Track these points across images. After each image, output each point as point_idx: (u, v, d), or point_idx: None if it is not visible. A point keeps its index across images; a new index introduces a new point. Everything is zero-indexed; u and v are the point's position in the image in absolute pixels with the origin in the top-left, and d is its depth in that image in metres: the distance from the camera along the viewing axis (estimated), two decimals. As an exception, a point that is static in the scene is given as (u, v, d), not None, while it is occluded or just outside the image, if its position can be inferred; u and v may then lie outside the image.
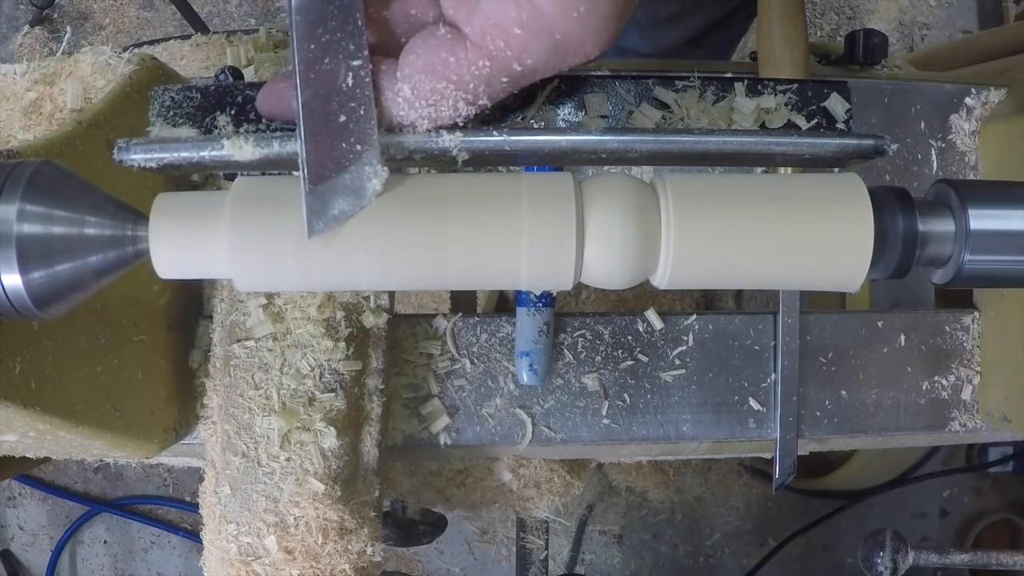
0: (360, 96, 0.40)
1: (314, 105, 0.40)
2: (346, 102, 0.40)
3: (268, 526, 0.62)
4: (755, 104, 0.46)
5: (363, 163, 0.41)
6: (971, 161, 0.82)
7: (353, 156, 0.40)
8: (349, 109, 0.40)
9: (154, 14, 2.04)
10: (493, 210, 0.41)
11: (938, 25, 2.12)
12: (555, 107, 0.47)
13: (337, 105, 0.40)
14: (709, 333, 0.78)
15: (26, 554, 1.93)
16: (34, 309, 0.40)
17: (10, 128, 0.65)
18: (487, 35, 0.39)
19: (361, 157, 0.41)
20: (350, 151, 0.40)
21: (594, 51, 0.40)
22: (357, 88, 0.40)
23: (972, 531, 1.84)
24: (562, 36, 0.38)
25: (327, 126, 0.40)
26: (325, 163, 0.40)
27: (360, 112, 0.40)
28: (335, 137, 0.40)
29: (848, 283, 0.43)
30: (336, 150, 0.40)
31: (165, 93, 0.46)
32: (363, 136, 0.41)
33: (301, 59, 0.39)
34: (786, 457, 0.77)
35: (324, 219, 0.40)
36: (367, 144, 0.41)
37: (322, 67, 0.40)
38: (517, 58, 0.39)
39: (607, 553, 1.94)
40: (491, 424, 0.76)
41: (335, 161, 0.40)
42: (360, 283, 0.44)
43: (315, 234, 0.40)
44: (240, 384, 0.64)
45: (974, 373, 0.79)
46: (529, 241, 0.41)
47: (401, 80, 0.41)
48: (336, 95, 0.40)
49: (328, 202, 0.40)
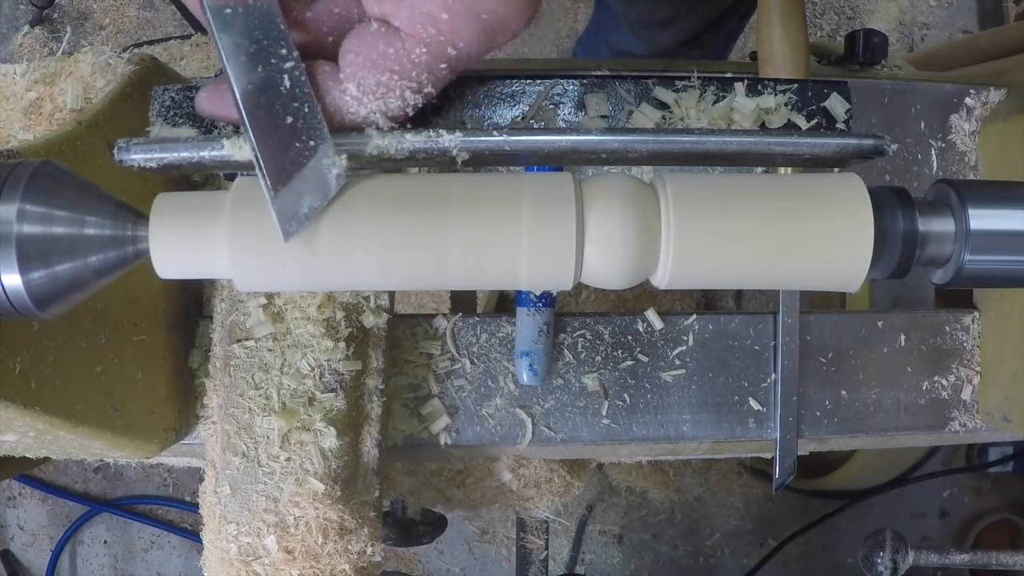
0: (301, 95, 0.41)
1: (258, 113, 0.41)
2: (289, 103, 0.41)
3: (268, 526, 0.62)
4: (755, 104, 0.46)
5: (320, 156, 0.41)
6: (971, 161, 0.82)
7: (308, 152, 0.41)
8: (293, 109, 0.41)
9: (154, 14, 2.04)
10: (493, 210, 0.41)
11: (938, 25, 2.12)
12: (555, 107, 0.47)
13: (281, 108, 0.41)
14: (709, 333, 0.78)
15: (26, 554, 1.92)
16: (34, 309, 0.40)
17: (10, 128, 0.65)
18: (417, 23, 0.40)
19: (317, 152, 0.41)
20: (304, 149, 0.41)
21: (519, 27, 0.41)
22: (296, 88, 0.41)
23: (972, 531, 1.84)
24: (488, 15, 0.40)
25: (276, 130, 0.41)
26: (283, 166, 0.41)
27: (305, 110, 0.41)
28: (286, 139, 0.41)
29: (848, 283, 0.43)
30: (291, 151, 0.41)
31: (165, 93, 0.46)
32: (313, 132, 0.41)
33: (234, 72, 0.40)
34: (786, 457, 0.77)
35: (296, 219, 0.41)
36: (319, 138, 0.41)
37: (256, 76, 0.40)
38: (450, 42, 0.40)
39: (607, 553, 1.94)
40: (491, 424, 0.76)
41: (292, 162, 0.41)
42: (360, 283, 0.44)
43: (290, 236, 0.41)
44: (240, 384, 0.64)
45: (974, 373, 0.79)
46: (529, 241, 0.41)
47: (345, 79, 0.42)
48: (277, 99, 0.41)
49: (295, 202, 0.41)
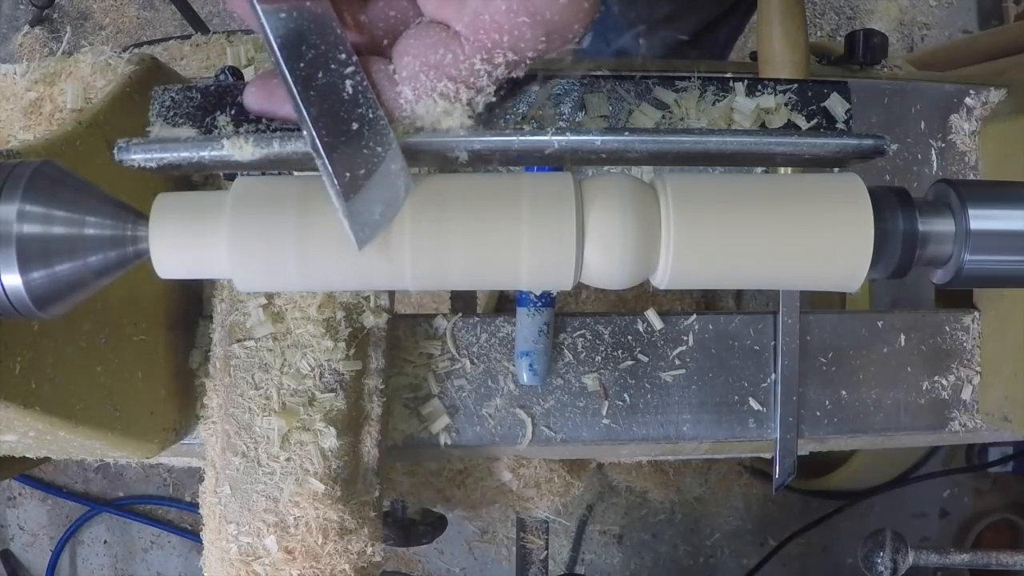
0: (365, 100, 0.40)
1: (324, 121, 0.39)
2: (353, 109, 0.40)
3: (268, 526, 0.62)
4: (755, 104, 0.46)
5: (388, 162, 0.40)
6: (971, 161, 0.82)
7: (377, 159, 0.40)
8: (358, 116, 0.40)
9: (154, 14, 2.04)
10: (493, 210, 0.41)
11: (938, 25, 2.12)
12: (555, 107, 0.47)
13: (346, 115, 0.40)
14: (709, 333, 0.78)
15: (26, 554, 1.92)
16: (34, 309, 0.39)
17: (10, 128, 0.65)
18: (480, 29, 0.39)
19: (385, 157, 0.40)
20: (372, 155, 0.40)
21: (580, 29, 0.40)
22: (359, 95, 0.40)
23: (972, 531, 1.84)
24: (551, 19, 0.39)
25: (342, 137, 0.40)
26: (353, 172, 0.40)
27: (370, 115, 0.40)
28: (354, 146, 0.40)
29: (848, 283, 0.43)
30: (359, 157, 0.40)
31: (165, 93, 0.46)
32: (380, 137, 0.40)
33: (296, 80, 0.39)
34: (786, 457, 0.77)
35: (369, 226, 0.40)
36: (386, 143, 0.41)
37: (318, 82, 0.39)
38: (512, 47, 0.40)
39: (607, 553, 1.93)
40: (491, 424, 0.76)
41: (362, 168, 0.40)
42: (359, 283, 0.44)
43: (364, 244, 0.40)
44: (240, 384, 0.64)
45: (974, 373, 0.79)
46: (529, 241, 0.41)
47: (401, 83, 0.41)
48: (341, 105, 0.40)
49: (368, 210, 0.40)
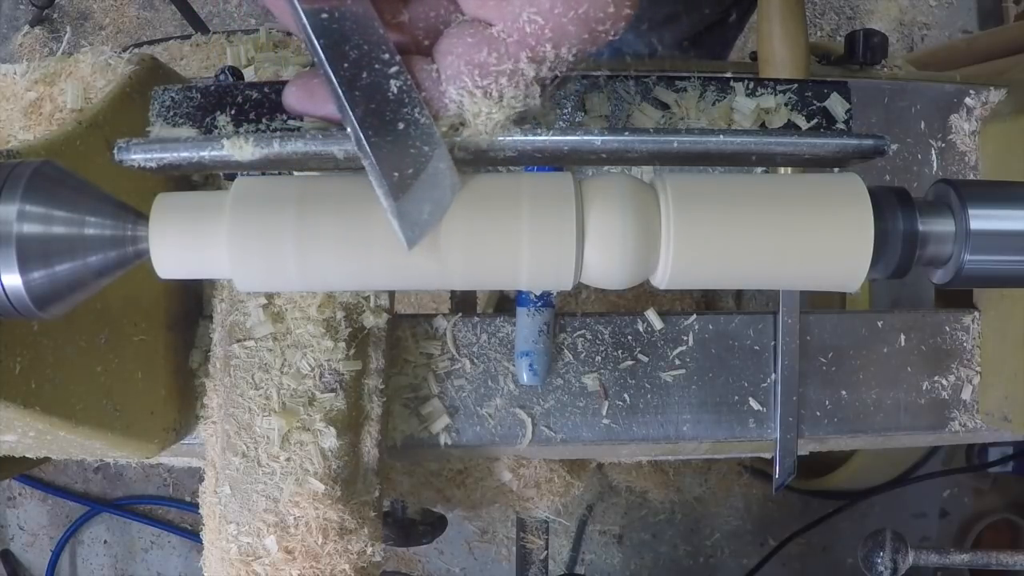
0: (410, 100, 0.40)
1: (370, 120, 0.39)
2: (398, 109, 0.40)
3: (268, 526, 0.62)
4: (755, 104, 0.46)
5: (436, 161, 0.40)
6: (971, 161, 0.82)
7: (424, 158, 0.40)
8: (404, 115, 0.40)
9: (154, 14, 2.04)
10: (493, 210, 0.41)
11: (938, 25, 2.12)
12: (555, 107, 0.47)
13: (391, 115, 0.40)
14: (709, 333, 0.78)
15: (26, 554, 1.92)
16: (34, 309, 0.40)
17: (10, 128, 0.65)
18: (524, 27, 0.39)
19: (432, 156, 0.40)
20: (420, 155, 0.40)
21: (622, 26, 0.40)
22: (404, 95, 0.40)
23: (972, 531, 1.84)
24: (594, 18, 0.39)
25: (389, 137, 0.40)
26: (403, 172, 0.40)
27: (415, 115, 0.40)
28: (401, 146, 0.40)
29: (848, 283, 0.43)
30: (407, 157, 0.40)
31: (165, 93, 0.46)
32: (426, 137, 0.40)
33: (340, 80, 0.39)
34: (786, 457, 0.77)
35: (418, 226, 0.40)
36: (432, 143, 0.40)
37: (362, 82, 0.39)
38: (555, 45, 0.39)
39: (607, 553, 1.93)
40: (491, 424, 0.76)
41: (409, 168, 0.40)
42: (359, 283, 0.44)
43: (413, 243, 0.40)
44: (240, 384, 0.64)
45: (974, 373, 0.79)
46: (529, 241, 0.41)
47: (445, 82, 0.41)
48: (387, 105, 0.40)
49: (416, 209, 0.40)
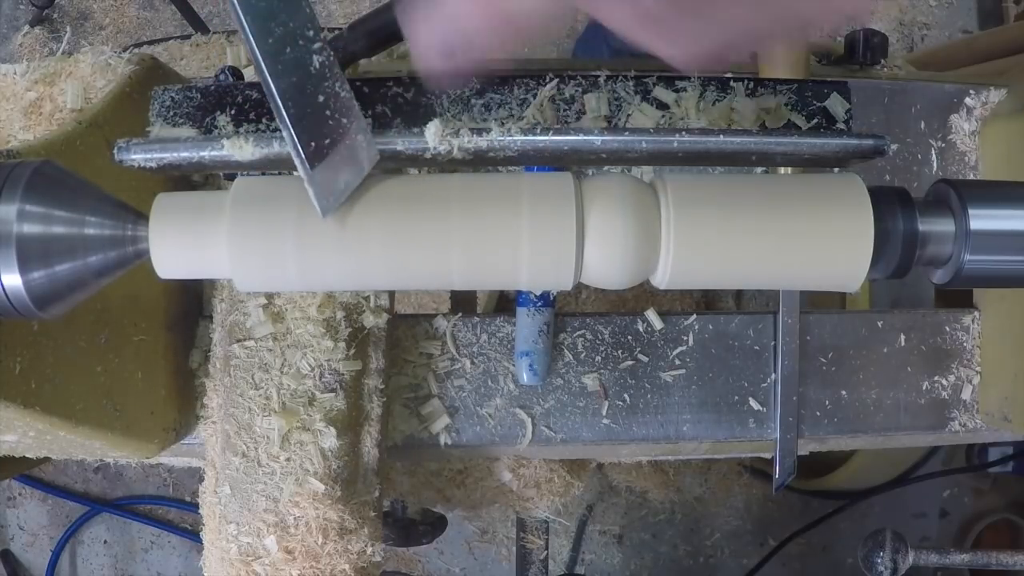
0: (332, 75, 0.42)
1: (291, 93, 0.41)
2: (319, 83, 0.41)
3: (268, 526, 0.62)
4: (755, 104, 0.46)
5: (353, 133, 0.42)
6: (971, 161, 0.82)
7: (342, 130, 0.42)
8: (324, 89, 0.41)
9: (154, 14, 2.04)
10: (493, 210, 0.41)
11: (938, 25, 2.12)
12: (555, 107, 0.47)
13: (312, 88, 0.41)
14: (709, 333, 0.78)
15: (26, 554, 1.92)
16: (34, 309, 0.40)
17: (10, 128, 0.65)
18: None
19: (350, 129, 0.42)
20: (338, 126, 0.42)
21: None
22: (325, 68, 0.41)
23: (972, 531, 1.84)
24: None
25: (309, 109, 0.41)
26: (318, 143, 0.41)
27: (335, 89, 0.42)
28: (319, 117, 0.41)
29: (848, 283, 0.43)
30: (324, 128, 0.41)
31: (165, 93, 0.46)
32: (345, 109, 0.42)
33: (263, 54, 0.40)
34: (786, 457, 0.77)
35: (333, 195, 0.41)
36: (351, 116, 0.42)
37: (286, 57, 0.41)
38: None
39: (607, 553, 1.93)
40: (491, 424, 0.76)
41: (326, 139, 0.41)
42: (360, 284, 0.44)
43: (328, 212, 0.41)
44: (240, 384, 0.64)
45: (974, 373, 0.79)
46: (529, 241, 0.41)
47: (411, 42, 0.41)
48: (308, 79, 0.41)
49: (331, 179, 0.41)
